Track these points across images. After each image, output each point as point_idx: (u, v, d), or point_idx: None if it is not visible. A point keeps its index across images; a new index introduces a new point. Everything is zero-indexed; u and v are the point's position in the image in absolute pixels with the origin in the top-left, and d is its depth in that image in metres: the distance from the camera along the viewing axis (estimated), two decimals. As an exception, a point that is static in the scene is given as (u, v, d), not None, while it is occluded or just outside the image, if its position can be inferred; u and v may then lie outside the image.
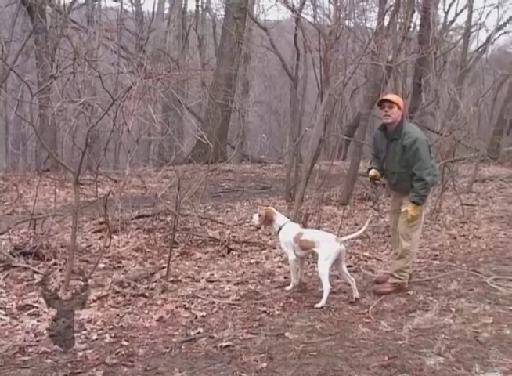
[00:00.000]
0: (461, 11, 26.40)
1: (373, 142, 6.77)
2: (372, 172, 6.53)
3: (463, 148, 16.89)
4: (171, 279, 6.54)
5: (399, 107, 6.27)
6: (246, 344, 4.85)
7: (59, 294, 5.30)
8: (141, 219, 9.17)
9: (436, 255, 8.20)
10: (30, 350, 4.64)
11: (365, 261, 7.86)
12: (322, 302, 5.83)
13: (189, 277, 6.79)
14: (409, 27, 14.44)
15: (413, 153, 6.11)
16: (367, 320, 5.49)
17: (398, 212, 6.53)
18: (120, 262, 7.24)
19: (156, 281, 6.48)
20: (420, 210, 6.27)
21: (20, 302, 5.68)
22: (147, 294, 6.06)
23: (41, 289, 4.83)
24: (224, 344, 4.82)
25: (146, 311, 5.62)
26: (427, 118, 18.91)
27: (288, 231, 6.32)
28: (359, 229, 6.88)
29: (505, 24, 26.78)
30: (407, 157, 6.16)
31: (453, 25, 26.64)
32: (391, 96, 6.48)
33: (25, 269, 6.62)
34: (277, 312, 5.68)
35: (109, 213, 7.55)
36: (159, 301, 5.86)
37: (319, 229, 8.31)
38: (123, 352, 4.62)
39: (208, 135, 15.13)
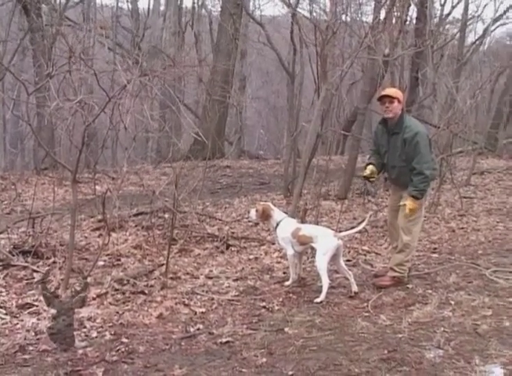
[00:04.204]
0: (457, 3, 26.32)
1: (374, 137, 6.79)
2: (368, 170, 6.53)
3: (461, 141, 16.91)
4: (170, 276, 6.54)
5: (399, 101, 6.28)
6: (246, 339, 4.86)
7: (59, 292, 5.31)
8: (139, 217, 9.16)
9: (435, 248, 8.22)
10: (30, 348, 4.64)
11: (364, 255, 7.86)
12: (322, 297, 5.85)
13: (188, 274, 6.79)
14: (406, 20, 14.46)
15: (413, 146, 6.11)
16: (366, 314, 5.50)
17: (397, 206, 6.54)
18: (119, 260, 7.24)
19: (155, 278, 6.49)
20: (418, 204, 6.27)
21: (20, 301, 5.69)
22: (146, 291, 6.07)
23: (41, 288, 4.83)
24: (224, 340, 4.83)
25: (146, 308, 5.62)
26: (424, 112, 18.91)
27: (286, 226, 6.33)
28: (359, 223, 6.89)
29: (502, 16, 26.77)
30: (407, 151, 6.17)
31: (450, 18, 26.59)
32: (390, 91, 6.48)
33: (24, 267, 6.62)
34: (276, 308, 5.69)
35: (108, 211, 7.54)
36: (158, 298, 5.87)
37: (317, 224, 8.32)
38: (123, 350, 4.63)
39: (206, 131, 15.14)
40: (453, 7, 26.50)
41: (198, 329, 5.12)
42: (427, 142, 6.23)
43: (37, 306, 5.52)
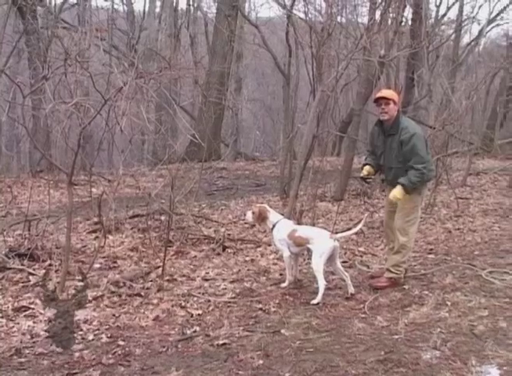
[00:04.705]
0: (453, 4, 26.40)
1: (370, 138, 6.80)
2: (365, 170, 6.55)
3: (457, 142, 16.93)
4: (167, 278, 6.54)
5: (395, 103, 6.30)
6: (243, 341, 4.86)
7: (56, 295, 5.30)
8: (135, 219, 9.16)
9: (431, 249, 8.23)
10: (26, 352, 4.63)
11: (361, 256, 7.87)
12: (318, 299, 5.84)
13: (184, 276, 6.79)
14: (401, 21, 14.46)
15: (410, 148, 6.12)
16: (363, 316, 5.50)
17: (393, 207, 6.54)
18: (115, 262, 7.23)
19: (151, 280, 6.48)
20: (404, 196, 6.20)
21: (16, 304, 5.67)
22: (143, 293, 6.06)
23: (41, 290, 4.83)
24: (220, 342, 4.82)
25: (142, 310, 5.62)
26: (420, 113, 18.93)
27: (282, 228, 6.33)
28: (355, 225, 6.89)
29: (496, 17, 26.83)
30: (404, 152, 6.17)
31: (445, 19, 26.62)
32: (386, 93, 6.49)
33: (20, 270, 6.61)
34: (273, 310, 5.68)
35: (104, 213, 7.54)
36: (155, 301, 5.86)
37: (313, 225, 8.32)
38: (119, 352, 4.62)
39: (202, 133, 15.12)
40: (448, 8, 26.60)
41: (195, 331, 5.12)
42: (423, 143, 6.24)
43: (33, 309, 5.52)
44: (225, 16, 20.21)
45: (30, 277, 6.43)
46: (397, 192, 6.19)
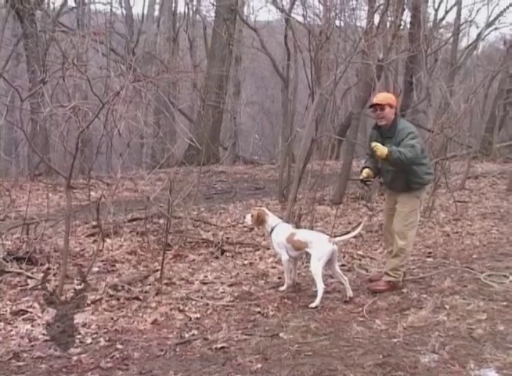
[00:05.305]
0: (451, 8, 26.45)
1: (369, 141, 6.78)
2: (365, 173, 6.53)
3: (456, 145, 16.94)
4: (165, 281, 6.53)
5: (391, 106, 6.29)
6: (241, 345, 4.85)
7: (54, 298, 5.30)
8: (134, 222, 9.14)
9: (430, 253, 8.23)
10: (24, 355, 4.62)
11: (359, 260, 7.86)
12: (317, 302, 5.84)
13: (182, 279, 6.78)
14: (400, 25, 14.48)
15: (407, 143, 6.08)
16: (361, 319, 5.50)
17: (392, 211, 6.55)
18: (113, 266, 7.22)
19: (150, 284, 6.47)
20: (412, 204, 6.21)
21: (14, 308, 5.65)
22: (141, 297, 6.05)
23: (39, 293, 4.83)
24: (218, 345, 4.81)
25: (141, 314, 5.60)
26: (419, 116, 18.94)
27: (280, 232, 6.32)
28: (354, 228, 6.89)
29: (495, 20, 26.85)
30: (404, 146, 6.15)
31: (443, 22, 26.67)
32: (379, 99, 6.44)
33: (18, 274, 6.59)
34: (271, 313, 5.67)
35: (102, 217, 7.53)
36: (153, 304, 5.85)
37: (312, 229, 8.32)
38: (118, 356, 4.61)
39: (200, 136, 15.15)
40: (447, 12, 26.63)
41: (193, 335, 5.11)
42: (419, 141, 6.25)
43: (31, 313, 5.50)
44: (223, 20, 20.24)
45: (29, 281, 6.41)
46: (382, 148, 6.02)
